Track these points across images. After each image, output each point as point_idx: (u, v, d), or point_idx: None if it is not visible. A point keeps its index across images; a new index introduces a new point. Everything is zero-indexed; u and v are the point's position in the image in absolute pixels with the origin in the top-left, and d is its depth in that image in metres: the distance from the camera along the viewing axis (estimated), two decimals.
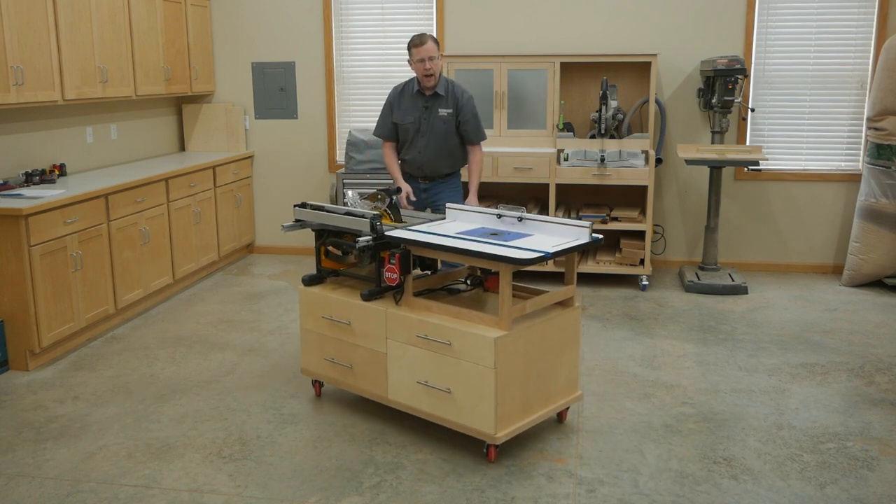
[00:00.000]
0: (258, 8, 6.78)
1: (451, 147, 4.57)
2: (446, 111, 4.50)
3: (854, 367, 4.38)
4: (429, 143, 4.53)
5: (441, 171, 4.62)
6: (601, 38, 6.33)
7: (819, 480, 3.19)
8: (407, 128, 4.55)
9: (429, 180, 4.64)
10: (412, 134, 4.55)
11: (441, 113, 4.50)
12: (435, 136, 4.52)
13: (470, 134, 4.57)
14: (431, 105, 4.51)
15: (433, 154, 4.54)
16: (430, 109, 4.51)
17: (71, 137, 5.53)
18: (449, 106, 4.51)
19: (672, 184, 6.46)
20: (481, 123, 4.63)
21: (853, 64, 6.13)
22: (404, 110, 4.57)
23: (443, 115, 4.50)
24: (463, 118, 4.51)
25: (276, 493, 3.12)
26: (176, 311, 5.44)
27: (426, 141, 4.53)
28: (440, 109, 4.50)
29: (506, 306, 3.20)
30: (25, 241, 4.25)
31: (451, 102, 4.51)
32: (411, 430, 3.61)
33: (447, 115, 4.50)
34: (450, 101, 4.51)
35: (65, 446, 3.52)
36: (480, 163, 4.65)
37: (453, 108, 4.51)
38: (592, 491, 3.12)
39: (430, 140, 4.53)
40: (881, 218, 5.81)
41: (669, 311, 5.39)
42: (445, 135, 4.53)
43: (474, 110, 4.57)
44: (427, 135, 4.52)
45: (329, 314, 3.76)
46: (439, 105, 4.51)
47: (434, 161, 4.56)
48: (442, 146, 4.54)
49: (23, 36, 4.56)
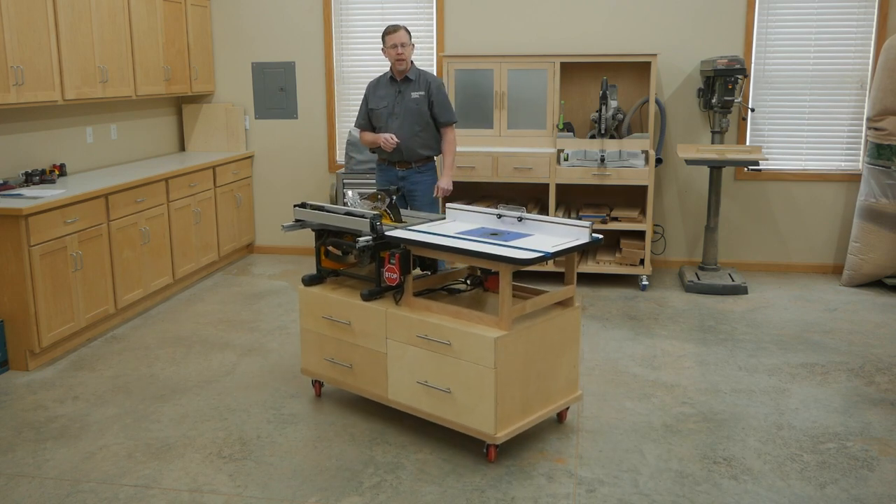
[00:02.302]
0: (258, 8, 6.79)
1: (423, 126, 4.83)
2: (418, 93, 4.81)
3: (854, 367, 4.38)
4: (402, 123, 4.80)
5: (416, 154, 4.84)
6: (601, 38, 6.33)
7: (819, 480, 3.19)
8: (380, 112, 4.86)
9: (405, 166, 4.87)
10: (385, 118, 4.84)
11: (413, 95, 4.81)
12: (408, 116, 4.80)
13: (440, 115, 4.84)
14: (403, 89, 4.83)
15: (407, 134, 4.79)
16: (403, 93, 4.82)
17: (71, 137, 5.53)
18: (420, 89, 4.82)
19: (672, 184, 6.46)
20: (451, 107, 4.94)
21: (853, 64, 6.13)
22: (379, 97, 4.89)
23: (415, 97, 4.80)
24: (434, 99, 4.81)
25: (276, 493, 3.12)
26: (176, 311, 5.44)
27: (399, 122, 4.81)
28: (412, 92, 4.81)
29: (506, 306, 3.20)
30: (25, 241, 4.25)
31: (422, 86, 4.82)
32: (411, 430, 3.61)
33: (419, 96, 4.81)
34: (421, 84, 4.83)
35: (65, 446, 3.52)
36: (453, 143, 4.92)
37: (425, 91, 4.81)
38: (592, 491, 3.12)
39: (403, 120, 4.80)
40: (881, 218, 5.81)
41: (669, 311, 5.39)
42: (418, 115, 4.80)
43: (445, 93, 4.90)
44: (400, 116, 4.81)
45: (329, 314, 3.76)
46: (411, 89, 4.82)
47: (408, 141, 4.80)
48: (415, 126, 4.81)
49: (23, 36, 4.56)
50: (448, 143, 4.91)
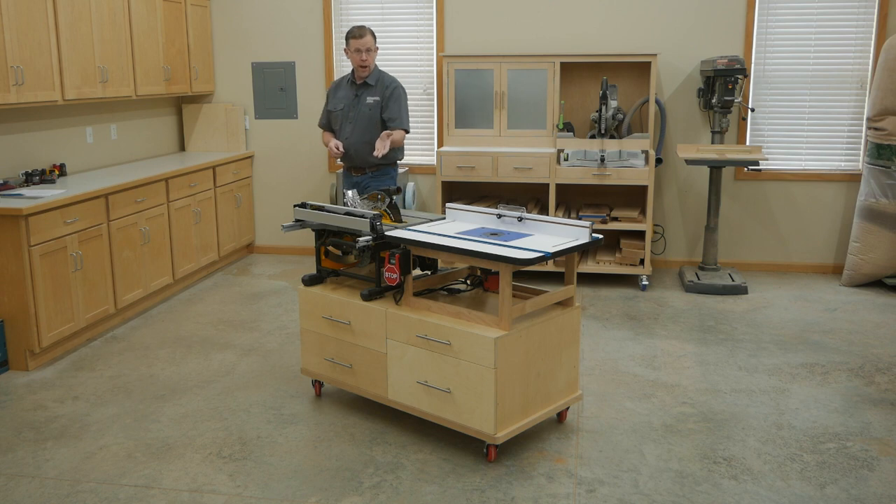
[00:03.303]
0: (258, 8, 6.78)
1: (376, 134, 4.70)
2: (374, 99, 4.73)
3: (854, 367, 4.38)
4: (355, 128, 4.75)
5: (369, 161, 4.76)
6: (601, 38, 6.33)
7: (819, 480, 3.19)
8: (337, 115, 4.81)
9: (360, 172, 4.82)
10: (341, 121, 4.79)
11: (368, 100, 4.74)
12: (360, 121, 4.74)
13: (390, 119, 4.71)
14: (361, 93, 4.77)
15: (358, 140, 4.73)
16: (360, 97, 4.77)
17: (71, 137, 5.53)
18: (377, 94, 4.74)
19: (672, 184, 6.46)
20: (406, 115, 4.81)
21: (853, 64, 6.12)
22: (337, 99, 4.84)
23: (370, 102, 4.74)
24: (386, 103, 4.73)
25: (276, 493, 3.12)
26: (176, 311, 5.44)
27: (352, 127, 4.76)
28: (368, 97, 4.75)
29: (506, 306, 3.20)
30: (25, 241, 4.25)
31: (379, 91, 4.74)
32: (411, 430, 3.61)
33: (374, 101, 4.73)
34: (378, 90, 4.75)
35: (65, 446, 3.52)
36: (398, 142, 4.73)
37: (380, 97, 4.73)
38: (592, 491, 3.12)
39: (356, 126, 4.75)
40: (881, 218, 5.81)
41: (669, 311, 5.39)
42: (370, 121, 4.73)
43: (399, 98, 4.75)
44: (354, 121, 4.76)
45: (329, 314, 3.76)
46: (368, 93, 4.76)
47: (360, 148, 4.73)
48: (367, 132, 4.72)
49: (23, 36, 4.57)
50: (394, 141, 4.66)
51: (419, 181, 6.79)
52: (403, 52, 6.67)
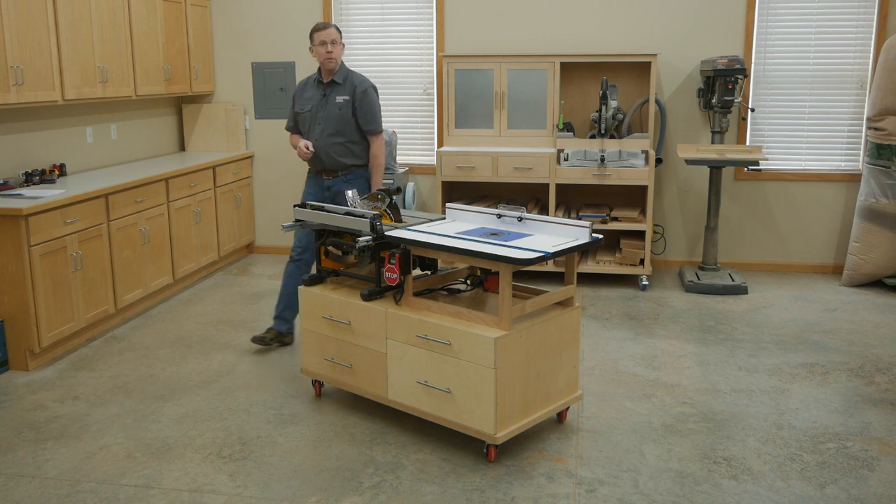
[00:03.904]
0: (258, 8, 6.79)
1: (347, 135, 4.48)
2: (343, 98, 4.47)
3: (854, 367, 4.38)
4: (324, 129, 4.48)
5: (340, 163, 4.50)
6: (601, 38, 6.33)
7: (819, 480, 3.19)
8: (305, 116, 4.55)
9: (331, 175, 4.54)
10: (309, 122, 4.53)
11: (337, 100, 4.47)
12: (330, 122, 4.47)
13: (365, 122, 4.49)
14: (329, 92, 4.50)
15: (328, 142, 4.47)
16: (328, 97, 4.49)
17: (71, 137, 5.53)
18: (346, 93, 4.48)
19: (672, 184, 6.46)
20: (378, 115, 4.56)
21: (853, 64, 6.13)
22: (304, 100, 4.57)
23: (339, 102, 4.47)
24: (358, 104, 4.46)
25: (276, 493, 3.12)
26: (176, 311, 5.44)
27: (321, 128, 4.48)
28: (337, 96, 4.48)
29: (506, 306, 3.20)
30: (25, 241, 4.25)
31: (348, 90, 4.48)
32: (411, 430, 3.61)
33: (343, 101, 4.47)
34: (347, 88, 4.49)
35: (65, 446, 3.52)
36: (379, 156, 4.55)
37: (350, 96, 4.47)
38: (592, 491, 3.12)
39: (325, 127, 4.47)
40: (881, 218, 5.81)
41: (669, 311, 5.39)
42: (341, 121, 4.46)
43: (371, 99, 4.51)
44: (323, 122, 4.48)
45: (329, 314, 3.76)
46: (336, 92, 4.49)
47: (330, 150, 4.47)
48: (337, 133, 4.47)
49: (23, 36, 4.57)
50: (373, 156, 4.54)
51: (419, 181, 6.79)
52: (403, 52, 6.67)
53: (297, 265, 4.61)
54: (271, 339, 4.64)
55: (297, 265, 4.61)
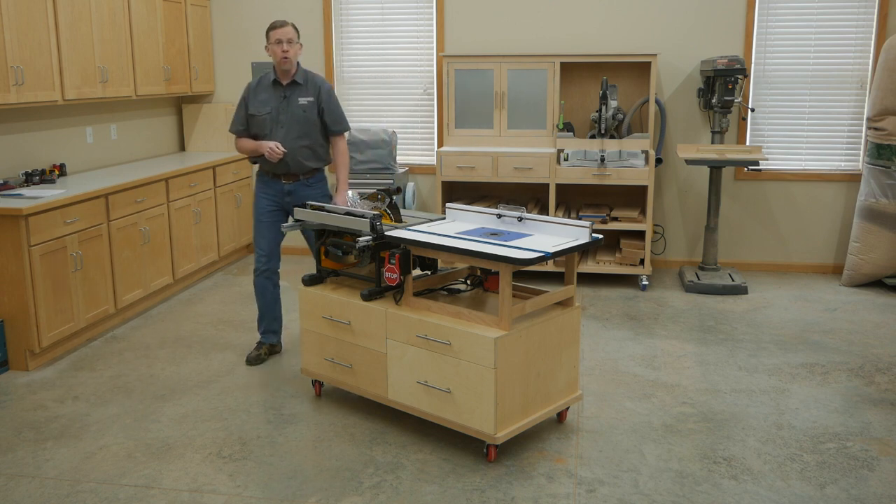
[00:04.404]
0: (258, 8, 6.79)
1: (313, 137, 4.35)
2: (307, 99, 4.31)
3: (854, 367, 4.38)
4: (288, 132, 4.29)
5: (304, 167, 4.35)
6: (601, 37, 6.33)
7: (819, 480, 3.19)
8: (263, 119, 4.31)
9: (292, 179, 4.36)
10: (269, 125, 4.31)
11: (301, 101, 4.31)
12: (295, 124, 4.30)
13: (333, 123, 4.38)
14: (290, 94, 4.32)
15: (294, 144, 4.29)
16: (289, 98, 4.31)
17: (71, 137, 5.54)
18: (310, 94, 4.33)
19: (672, 184, 6.46)
20: (343, 114, 4.47)
21: (853, 64, 6.13)
22: (260, 101, 4.34)
23: (303, 104, 4.31)
24: (325, 105, 4.34)
25: (276, 493, 3.12)
26: (176, 311, 5.44)
27: (285, 131, 4.29)
28: (300, 98, 4.31)
29: (506, 306, 3.20)
30: (25, 241, 4.25)
31: (311, 91, 4.33)
32: (411, 430, 3.61)
33: (308, 102, 4.31)
34: (310, 89, 4.34)
35: (65, 446, 3.52)
36: (346, 154, 4.47)
37: (314, 97, 4.33)
38: (592, 491, 3.12)
39: (289, 130, 4.30)
40: (881, 218, 5.82)
41: (669, 311, 5.39)
42: (307, 123, 4.32)
43: (336, 99, 4.42)
44: (286, 125, 4.30)
45: (329, 314, 3.76)
46: (299, 94, 4.32)
47: (297, 153, 4.30)
48: (303, 135, 4.32)
49: (23, 36, 4.57)
50: (341, 154, 4.43)
51: (419, 181, 6.79)
52: (403, 52, 6.67)
53: (266, 276, 4.46)
54: (266, 355, 4.53)
55: (265, 277, 4.46)
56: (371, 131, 6.38)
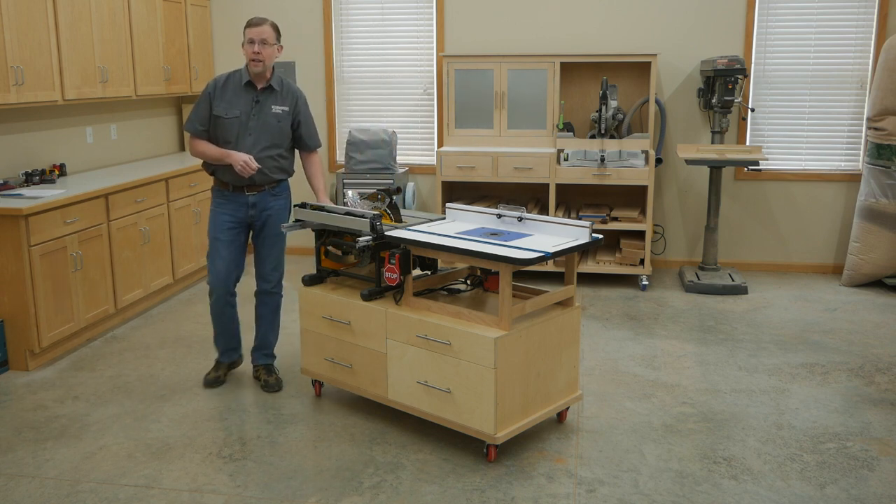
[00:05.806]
0: (258, 8, 6.78)
1: (283, 147, 4.03)
2: (281, 108, 3.98)
3: (854, 367, 4.38)
4: (257, 141, 3.93)
5: (270, 178, 4.00)
6: (601, 38, 6.33)
7: (819, 480, 3.19)
8: (230, 123, 3.92)
9: (256, 190, 4.00)
10: (236, 131, 3.92)
11: (275, 109, 3.96)
12: (266, 133, 3.95)
13: (308, 138, 4.11)
14: (263, 99, 3.95)
15: (263, 155, 3.94)
16: (262, 104, 3.94)
17: (71, 137, 5.53)
18: (285, 103, 4.00)
19: (672, 184, 6.46)
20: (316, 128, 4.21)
21: (853, 64, 6.13)
22: (228, 102, 3.93)
23: (277, 112, 3.97)
24: (301, 118, 4.06)
25: (276, 493, 3.12)
26: (176, 311, 5.44)
27: (254, 139, 3.93)
28: (274, 106, 3.96)
29: (506, 306, 3.20)
30: (25, 241, 4.25)
31: (287, 100, 4.01)
32: (411, 430, 3.61)
33: (283, 112, 3.99)
34: (286, 98, 4.01)
35: (65, 446, 3.52)
36: (321, 165, 4.24)
37: (290, 107, 4.01)
38: (592, 491, 3.12)
39: (258, 138, 3.93)
40: (881, 218, 5.82)
41: (669, 311, 5.39)
42: (279, 134, 3.99)
43: (310, 113, 4.14)
44: (256, 132, 3.93)
45: (329, 314, 3.76)
46: (273, 100, 3.97)
47: (263, 163, 3.94)
48: (273, 145, 3.98)
49: (23, 36, 4.56)
50: (316, 165, 4.18)
51: (419, 181, 6.79)
52: (403, 52, 6.67)
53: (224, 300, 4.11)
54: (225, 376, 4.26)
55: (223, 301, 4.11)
56: (371, 131, 6.38)
